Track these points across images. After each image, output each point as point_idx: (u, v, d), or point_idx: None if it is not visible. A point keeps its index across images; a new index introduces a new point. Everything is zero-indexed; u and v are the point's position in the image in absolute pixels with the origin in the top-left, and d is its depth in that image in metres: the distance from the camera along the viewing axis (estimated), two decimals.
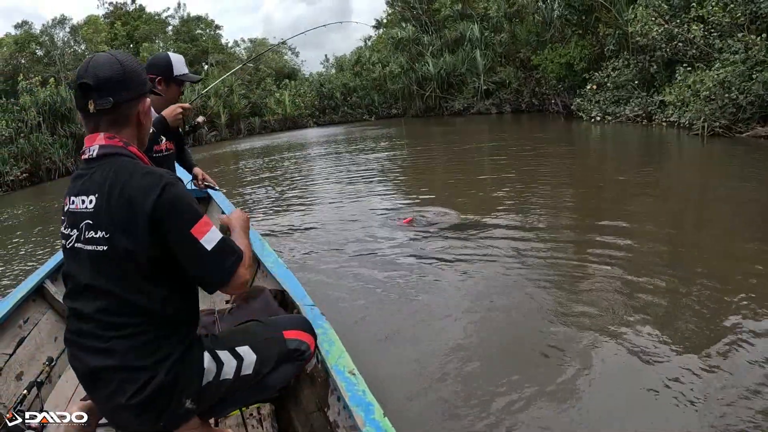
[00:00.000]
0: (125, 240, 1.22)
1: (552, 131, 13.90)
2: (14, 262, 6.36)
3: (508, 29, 20.59)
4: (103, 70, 1.29)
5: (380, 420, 1.35)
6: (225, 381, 1.41)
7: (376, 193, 7.42)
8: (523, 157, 9.06)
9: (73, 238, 1.30)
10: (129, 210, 1.22)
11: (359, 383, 1.52)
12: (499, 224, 4.88)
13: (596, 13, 14.87)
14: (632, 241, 4.11)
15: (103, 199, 1.25)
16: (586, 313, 3.03)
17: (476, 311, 3.22)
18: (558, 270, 3.72)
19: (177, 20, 32.59)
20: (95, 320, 1.26)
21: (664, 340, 2.66)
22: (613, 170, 7.66)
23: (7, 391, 2.02)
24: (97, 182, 1.29)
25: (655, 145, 10.05)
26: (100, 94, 1.29)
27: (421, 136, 17.01)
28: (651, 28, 11.31)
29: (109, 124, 1.33)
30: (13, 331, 2.28)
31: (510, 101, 21.54)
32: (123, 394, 1.24)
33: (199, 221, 1.26)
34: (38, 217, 10.34)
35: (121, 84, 1.31)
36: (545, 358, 2.63)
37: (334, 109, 30.18)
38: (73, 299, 1.32)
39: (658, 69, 12.36)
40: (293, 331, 1.58)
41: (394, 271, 4.04)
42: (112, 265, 1.24)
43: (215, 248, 1.27)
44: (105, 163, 1.31)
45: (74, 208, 1.32)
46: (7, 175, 15.88)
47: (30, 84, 18.82)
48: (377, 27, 30.04)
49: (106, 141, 1.32)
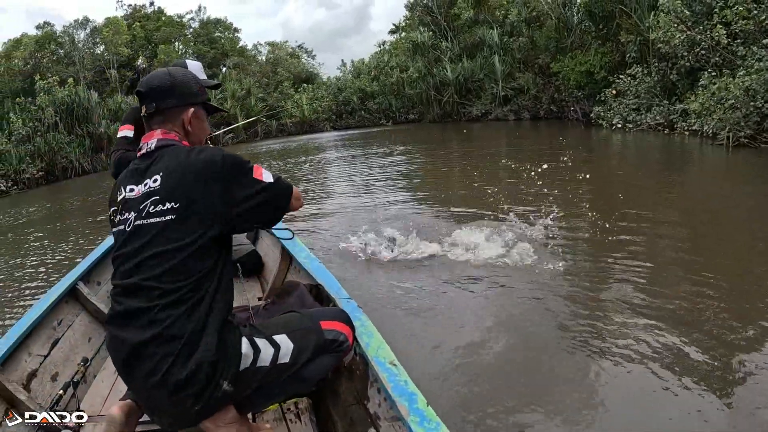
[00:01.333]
0: (196, 205, 1.36)
1: (573, 138, 13.66)
2: (36, 259, 6.51)
3: (527, 34, 20.41)
4: (154, 81, 1.53)
5: (424, 409, 1.34)
6: (261, 368, 1.43)
7: (392, 197, 7.37)
8: (547, 165, 8.90)
9: (131, 220, 1.41)
10: (197, 178, 1.38)
11: (401, 374, 1.51)
12: (521, 231, 4.77)
13: (617, 20, 14.62)
14: (654, 252, 4.00)
15: (170, 175, 1.39)
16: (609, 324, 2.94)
17: (492, 318, 3.17)
18: (579, 282, 3.63)
19: (197, 23, 33.03)
20: (146, 288, 1.33)
21: (682, 355, 2.55)
22: (637, 180, 7.42)
23: (43, 391, 2.05)
24: (160, 165, 1.42)
25: (678, 155, 9.77)
26: (149, 99, 1.52)
27: (438, 141, 16.91)
28: (674, 35, 11.06)
29: (159, 125, 1.52)
30: (48, 332, 2.32)
31: (528, 108, 21.32)
32: (163, 366, 1.27)
33: (254, 167, 1.48)
34: (55, 214, 10.51)
35: (165, 92, 1.52)
36: (568, 356, 2.62)
37: (351, 113, 30.24)
38: (125, 276, 1.39)
39: (680, 77, 12.08)
40: (331, 322, 1.62)
41: (412, 274, 4.05)
42: (179, 232, 1.35)
43: (275, 178, 1.52)
44: (164, 151, 1.46)
45: (133, 195, 1.44)
46: (23, 173, 16.20)
47: (48, 84, 19.13)
48: (393, 31, 30.10)
49: (163, 135, 1.51)
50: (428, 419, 1.31)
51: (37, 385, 2.06)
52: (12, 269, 6.14)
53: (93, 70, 25.38)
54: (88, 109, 18.98)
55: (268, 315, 2.05)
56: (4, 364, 1.96)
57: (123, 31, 27.27)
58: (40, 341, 2.24)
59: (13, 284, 5.45)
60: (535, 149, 11.71)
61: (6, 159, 15.91)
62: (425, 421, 1.31)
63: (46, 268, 5.93)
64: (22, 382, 1.99)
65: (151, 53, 27.82)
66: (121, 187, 1.50)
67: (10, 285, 5.45)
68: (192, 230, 1.36)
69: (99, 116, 19.54)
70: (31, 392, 1.99)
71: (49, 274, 5.60)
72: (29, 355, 2.13)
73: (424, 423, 1.31)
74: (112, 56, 25.75)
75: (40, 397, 2.00)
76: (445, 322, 3.22)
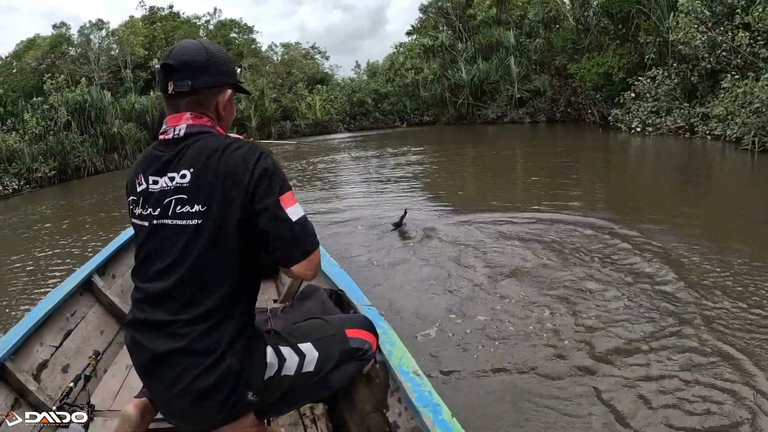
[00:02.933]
0: (222, 213, 1.21)
1: (593, 142, 13.33)
2: (51, 253, 6.64)
3: (543, 35, 20.07)
4: (187, 54, 1.29)
5: (449, 421, 1.29)
6: (286, 377, 1.38)
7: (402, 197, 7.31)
8: (568, 173, 8.68)
9: (154, 216, 1.27)
10: (229, 181, 1.21)
11: (424, 384, 1.46)
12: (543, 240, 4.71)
13: (636, 20, 14.24)
14: (677, 260, 3.93)
15: (201, 173, 1.23)
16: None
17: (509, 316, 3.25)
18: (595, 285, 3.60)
19: (212, 25, 33.19)
20: (171, 298, 1.24)
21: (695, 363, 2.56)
22: (666, 189, 7.14)
23: (53, 383, 2.02)
24: (189, 159, 1.25)
25: (703, 160, 9.41)
26: (180, 76, 1.28)
27: (454, 142, 16.68)
28: (694, 36, 10.70)
29: (189, 108, 1.31)
30: (61, 323, 2.28)
31: (544, 110, 20.96)
32: (188, 377, 1.20)
33: (287, 192, 1.24)
34: (69, 212, 10.60)
35: (202, 69, 1.29)
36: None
37: (365, 114, 30.10)
38: (148, 279, 1.28)
39: (701, 79, 11.69)
40: (356, 330, 1.56)
41: (425, 270, 4.20)
42: (202, 239, 1.22)
43: (299, 221, 1.24)
44: (195, 141, 1.27)
45: (157, 188, 1.27)
46: (36, 172, 16.29)
47: (56, 83, 19.23)
48: (410, 33, 29.90)
49: (193, 120, 1.30)
50: (453, 431, 1.26)
51: (47, 376, 2.03)
52: (26, 263, 6.26)
53: (108, 71, 25.58)
54: (101, 108, 19.09)
55: (286, 318, 1.99)
56: (15, 353, 1.92)
57: (139, 31, 27.47)
58: (53, 332, 2.20)
59: (28, 277, 5.55)
60: (553, 153, 11.44)
61: (19, 158, 16.05)
62: None
63: (62, 260, 6.06)
64: (32, 373, 1.96)
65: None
66: (141, 175, 1.32)
67: (24, 278, 5.55)
68: (220, 238, 1.22)
69: (112, 116, 19.65)
70: (41, 383, 1.95)
71: (62, 268, 5.68)
72: (41, 345, 2.09)
73: None
74: (127, 56, 25.95)
75: (50, 389, 1.96)
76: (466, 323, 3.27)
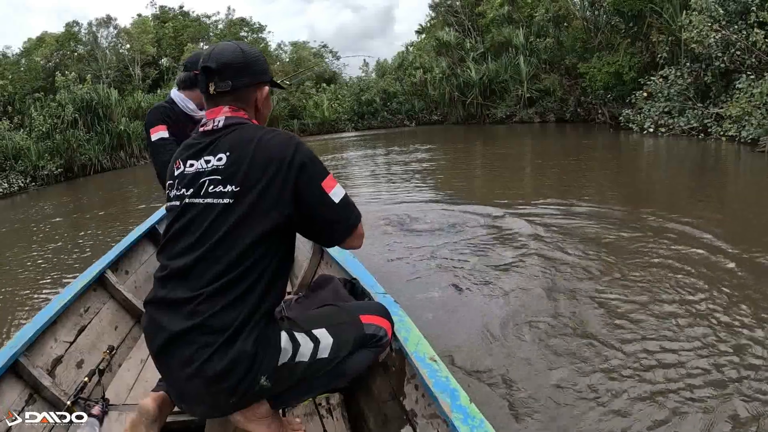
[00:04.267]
0: (256, 194, 1.27)
1: (607, 142, 13.04)
2: (61, 248, 6.73)
3: (553, 35, 19.78)
4: (226, 56, 1.38)
5: (467, 406, 1.28)
6: (300, 363, 1.37)
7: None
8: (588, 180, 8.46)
9: (189, 195, 1.34)
10: (265, 166, 1.28)
11: (441, 370, 1.44)
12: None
13: (648, 19, 13.95)
14: (699, 267, 3.85)
15: (238, 157, 1.31)
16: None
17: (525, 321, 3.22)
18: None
19: (223, 24, 33.20)
20: (193, 275, 1.28)
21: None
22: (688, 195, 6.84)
23: (68, 378, 2.04)
24: (227, 144, 1.34)
25: (720, 162, 9.12)
26: (221, 77, 1.38)
27: (465, 141, 16.50)
28: (707, 35, 10.42)
29: (227, 103, 1.41)
30: (75, 319, 2.32)
31: (554, 110, 20.69)
32: (201, 356, 1.22)
33: (327, 176, 1.34)
34: (76, 209, 10.64)
35: (240, 70, 1.39)
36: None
37: (374, 114, 29.96)
38: (172, 257, 1.33)
39: (714, 79, 11.40)
40: (370, 316, 1.56)
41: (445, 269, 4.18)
42: (234, 218, 1.27)
43: (342, 201, 1.36)
44: (232, 130, 1.36)
45: (192, 170, 1.36)
46: (42, 169, 16.35)
47: (67, 81, 19.32)
48: (420, 32, 29.69)
49: (231, 113, 1.40)
50: (472, 416, 1.25)
51: (62, 371, 2.05)
52: (37, 259, 6.32)
53: (116, 68, 25.68)
54: (107, 106, 19.13)
55: (300, 308, 1.97)
56: (29, 349, 1.93)
57: (149, 29, 27.55)
58: (67, 328, 2.23)
59: (39, 274, 5.60)
60: (564, 154, 11.21)
61: (25, 156, 16.09)
62: (469, 419, 1.25)
63: (75, 257, 6.15)
64: (47, 368, 1.98)
65: (178, 53, 28.03)
66: (179, 160, 1.42)
67: (36, 274, 5.61)
68: (249, 219, 1.28)
69: (118, 114, 19.68)
70: (55, 378, 1.97)
71: (73, 265, 5.73)
72: (55, 341, 2.12)
73: (468, 420, 1.24)
74: (136, 54, 26.03)
75: (64, 384, 1.99)
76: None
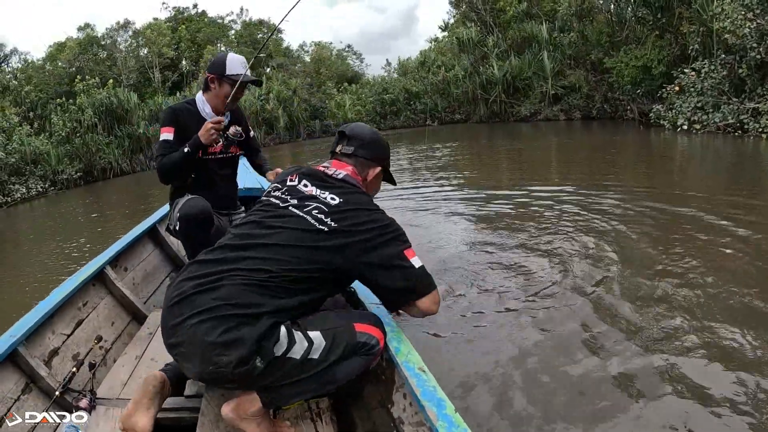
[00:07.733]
0: (344, 238, 1.50)
1: (644, 140, 12.27)
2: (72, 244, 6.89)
3: (577, 29, 18.98)
4: (361, 131, 1.81)
5: (452, 415, 1.35)
6: (291, 359, 1.45)
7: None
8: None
9: (292, 204, 1.57)
10: (363, 223, 1.53)
11: (430, 380, 1.50)
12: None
13: (678, 9, 13.12)
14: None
15: (348, 211, 1.54)
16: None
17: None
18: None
19: (239, 25, 33.40)
20: (249, 248, 1.48)
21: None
22: None
23: (63, 370, 2.10)
24: (344, 194, 1.59)
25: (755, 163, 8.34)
26: (349, 142, 1.77)
27: (488, 138, 15.98)
28: (742, 24, 9.65)
29: (354, 166, 1.74)
30: (73, 312, 2.38)
31: (580, 107, 19.86)
32: (214, 312, 1.34)
33: (409, 248, 1.59)
34: (96, 210, 10.76)
35: (365, 145, 1.78)
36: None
37: (396, 113, 29.59)
38: (243, 231, 1.56)
39: (749, 71, 10.57)
40: (364, 324, 1.62)
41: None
42: (311, 237, 1.49)
43: (422, 268, 1.58)
44: (350, 187, 1.64)
45: (307, 190, 1.61)
46: (61, 173, 16.63)
47: (86, 85, 19.66)
48: (443, 28, 29.16)
49: (353, 175, 1.71)
50: (456, 425, 1.31)
51: (58, 362, 2.12)
52: (46, 257, 6.49)
53: (136, 72, 26.12)
54: (127, 110, 19.38)
55: None
56: (28, 339, 2.00)
57: (165, 33, 27.95)
58: (65, 321, 2.31)
59: (44, 271, 5.78)
60: (592, 150, 10.59)
61: (45, 160, 16.39)
62: (453, 427, 1.30)
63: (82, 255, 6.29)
64: (44, 359, 2.06)
65: (197, 55, 28.32)
66: (296, 174, 1.67)
67: (42, 270, 5.81)
68: (324, 252, 1.48)
69: (138, 117, 19.91)
70: (51, 369, 2.05)
71: (78, 261, 5.82)
72: (53, 333, 2.20)
73: (453, 429, 1.30)
74: (154, 58, 26.43)
75: (59, 375, 2.04)
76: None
